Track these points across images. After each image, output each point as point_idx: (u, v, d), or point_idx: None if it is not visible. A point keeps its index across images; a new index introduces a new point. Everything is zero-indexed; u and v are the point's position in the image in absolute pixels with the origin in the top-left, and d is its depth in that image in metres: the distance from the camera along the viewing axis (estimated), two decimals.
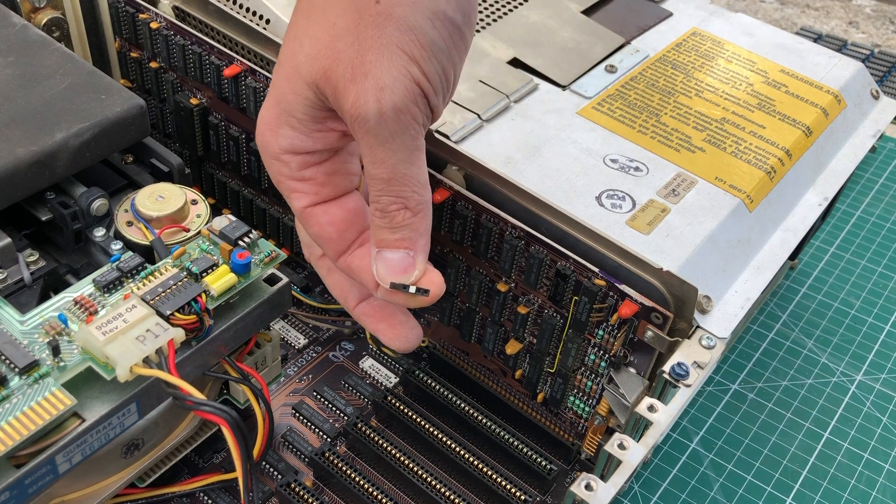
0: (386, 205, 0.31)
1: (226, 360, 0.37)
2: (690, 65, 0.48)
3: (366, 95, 0.29)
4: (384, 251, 0.33)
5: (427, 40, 0.29)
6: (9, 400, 0.30)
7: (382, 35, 0.29)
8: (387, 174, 0.31)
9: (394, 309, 0.37)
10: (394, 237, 0.32)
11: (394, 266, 0.33)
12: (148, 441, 0.37)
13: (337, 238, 0.34)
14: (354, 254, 0.35)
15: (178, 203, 0.39)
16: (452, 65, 0.31)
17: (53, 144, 0.38)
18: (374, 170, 0.31)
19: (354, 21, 0.29)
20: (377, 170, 0.31)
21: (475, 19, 0.31)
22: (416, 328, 0.38)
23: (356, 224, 0.34)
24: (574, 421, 0.42)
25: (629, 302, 0.35)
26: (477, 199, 0.38)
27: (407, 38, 0.29)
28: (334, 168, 0.34)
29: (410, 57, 0.29)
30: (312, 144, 0.32)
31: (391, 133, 0.30)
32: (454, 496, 0.39)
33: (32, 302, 0.37)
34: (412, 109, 0.30)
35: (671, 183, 0.40)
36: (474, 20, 0.31)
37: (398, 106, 0.29)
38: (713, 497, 0.45)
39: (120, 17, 0.49)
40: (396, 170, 0.31)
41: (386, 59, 0.29)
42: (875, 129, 0.48)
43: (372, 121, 0.29)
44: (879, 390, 0.51)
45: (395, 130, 0.30)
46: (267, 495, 0.40)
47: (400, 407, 0.43)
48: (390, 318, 0.37)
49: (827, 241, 0.62)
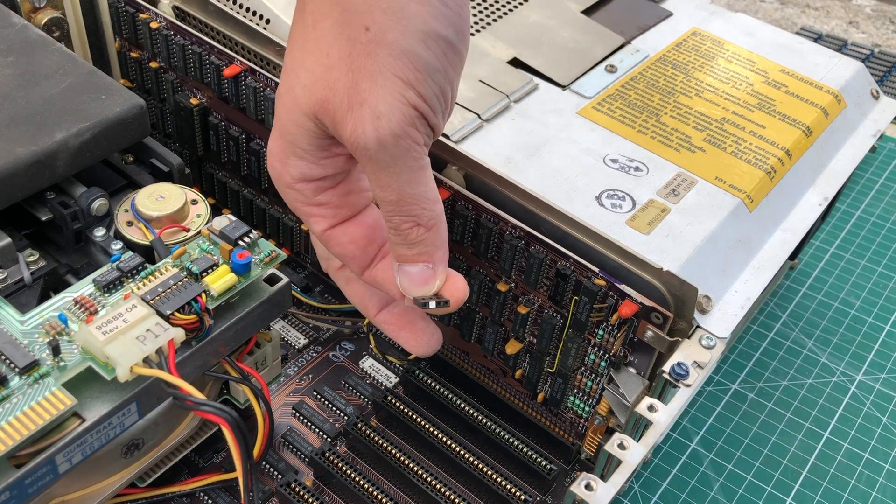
0: (398, 224, 0.32)
1: (226, 360, 0.37)
2: (690, 65, 0.48)
3: (363, 125, 0.29)
4: (404, 265, 0.33)
5: (421, 63, 0.29)
6: (9, 400, 0.30)
7: (375, 62, 0.29)
8: (394, 197, 0.31)
9: (414, 315, 0.39)
10: (411, 252, 0.33)
11: (415, 279, 0.34)
12: (148, 441, 0.37)
13: (360, 255, 0.35)
14: (378, 267, 0.36)
15: (178, 203, 0.39)
16: (449, 82, 0.31)
17: (53, 144, 0.38)
18: (382, 193, 0.31)
19: (347, 50, 0.29)
20: (384, 193, 0.31)
21: (468, 32, 0.31)
22: (437, 333, 0.39)
23: (376, 238, 0.35)
24: (574, 421, 0.42)
25: (629, 302, 0.35)
26: (477, 199, 0.38)
27: (400, 62, 0.29)
28: (348, 189, 0.35)
29: (405, 81, 0.29)
30: (322, 171, 0.33)
31: (392, 158, 0.30)
32: (454, 496, 0.39)
33: (32, 302, 0.37)
34: (411, 133, 0.30)
35: (671, 183, 0.40)
36: (468, 33, 0.31)
37: (396, 132, 0.29)
38: (713, 497, 0.45)
39: (120, 16, 0.49)
40: (403, 192, 0.31)
41: (380, 87, 0.29)
42: (875, 129, 0.48)
43: (372, 149, 0.30)
44: (879, 390, 0.51)
45: (396, 155, 0.30)
46: (267, 495, 0.40)
47: (400, 407, 0.43)
48: (411, 325, 0.39)
49: (827, 241, 0.62)
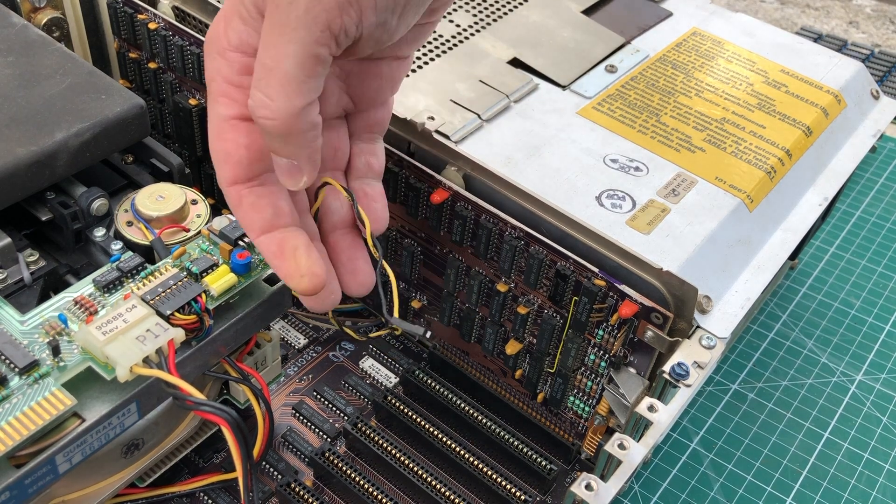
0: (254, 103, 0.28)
1: (226, 360, 0.37)
2: (690, 65, 0.48)
3: None
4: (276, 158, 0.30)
5: None
6: (9, 400, 0.30)
7: None
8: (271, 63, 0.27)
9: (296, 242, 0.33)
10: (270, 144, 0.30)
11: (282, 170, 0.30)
12: (148, 441, 0.37)
13: (245, 164, 0.31)
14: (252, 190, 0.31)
15: (178, 203, 0.39)
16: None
17: (53, 144, 0.38)
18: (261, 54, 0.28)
19: None
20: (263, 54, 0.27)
21: None
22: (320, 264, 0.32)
23: (269, 160, 0.31)
24: (574, 421, 0.42)
25: (629, 302, 0.35)
26: (476, 200, 0.38)
27: None
28: None
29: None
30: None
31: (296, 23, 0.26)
32: (454, 496, 0.39)
33: (32, 302, 0.37)
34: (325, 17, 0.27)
35: (671, 183, 0.40)
36: None
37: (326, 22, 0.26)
38: (713, 497, 0.45)
39: (118, 17, 0.49)
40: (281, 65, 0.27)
41: None
42: (875, 129, 0.48)
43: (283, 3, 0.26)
44: (879, 390, 0.51)
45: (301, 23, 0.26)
46: (267, 495, 0.40)
47: (400, 407, 0.43)
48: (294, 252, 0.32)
49: (827, 241, 0.62)
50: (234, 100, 0.30)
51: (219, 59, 0.30)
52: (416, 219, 0.42)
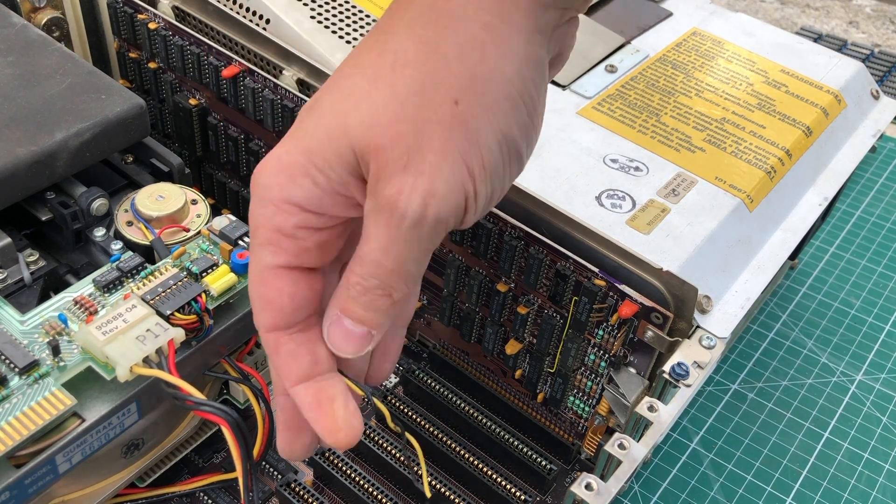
0: (371, 287, 0.29)
1: (226, 360, 0.37)
2: (690, 65, 0.48)
3: (413, 194, 0.27)
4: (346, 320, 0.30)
5: (491, 161, 0.28)
6: (9, 400, 0.30)
7: (451, 139, 0.27)
8: (392, 266, 0.28)
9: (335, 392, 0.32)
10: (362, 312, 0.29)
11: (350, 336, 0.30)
12: (148, 441, 0.37)
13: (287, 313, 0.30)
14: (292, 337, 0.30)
15: (178, 203, 0.39)
16: (502, 190, 0.29)
17: (53, 144, 0.38)
18: (380, 256, 0.28)
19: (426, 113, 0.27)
20: (383, 258, 0.28)
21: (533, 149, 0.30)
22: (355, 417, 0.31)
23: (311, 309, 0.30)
24: (574, 421, 0.42)
25: (629, 302, 0.35)
26: None
27: (474, 152, 0.27)
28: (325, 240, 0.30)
29: (470, 173, 0.27)
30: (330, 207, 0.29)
31: (420, 238, 0.28)
32: (454, 496, 0.39)
33: (32, 302, 0.37)
34: (451, 222, 0.28)
35: (671, 183, 0.40)
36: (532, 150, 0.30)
37: (441, 217, 0.27)
38: (713, 497, 0.45)
39: (118, 17, 0.49)
40: (403, 266, 0.28)
41: (447, 167, 0.27)
42: (875, 128, 0.48)
43: (408, 221, 0.27)
44: (879, 390, 0.51)
45: (425, 236, 0.28)
46: (267, 495, 0.40)
47: (400, 407, 0.43)
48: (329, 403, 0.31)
49: (827, 241, 0.62)
50: (284, 249, 0.29)
51: (272, 208, 0.28)
52: None
